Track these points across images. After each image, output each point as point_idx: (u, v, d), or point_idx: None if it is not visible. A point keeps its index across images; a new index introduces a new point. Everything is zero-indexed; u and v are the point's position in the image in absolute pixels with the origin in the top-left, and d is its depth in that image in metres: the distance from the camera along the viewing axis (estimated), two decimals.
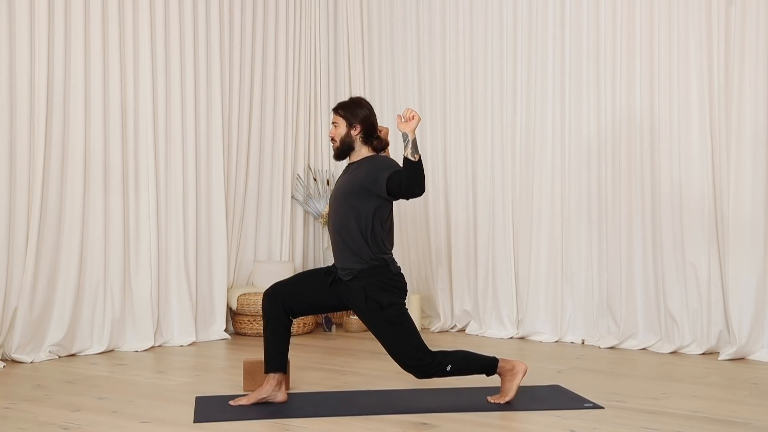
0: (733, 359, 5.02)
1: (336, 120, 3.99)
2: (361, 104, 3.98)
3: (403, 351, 3.84)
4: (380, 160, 3.92)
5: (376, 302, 3.84)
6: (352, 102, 4.00)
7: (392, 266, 3.90)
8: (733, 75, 5.06)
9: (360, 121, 3.94)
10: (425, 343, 3.89)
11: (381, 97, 6.55)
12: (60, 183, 5.17)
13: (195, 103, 5.82)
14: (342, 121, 3.97)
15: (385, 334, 3.87)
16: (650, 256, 5.43)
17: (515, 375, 3.90)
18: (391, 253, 3.93)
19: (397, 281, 3.90)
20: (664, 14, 5.33)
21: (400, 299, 3.90)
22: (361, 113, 3.95)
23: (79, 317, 5.27)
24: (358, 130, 3.95)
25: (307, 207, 6.55)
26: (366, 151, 3.99)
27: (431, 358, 3.85)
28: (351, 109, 3.96)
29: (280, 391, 3.96)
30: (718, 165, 5.18)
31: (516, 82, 5.94)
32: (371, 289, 3.84)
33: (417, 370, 3.86)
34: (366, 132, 3.96)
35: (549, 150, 5.81)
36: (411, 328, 3.87)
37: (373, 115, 4.01)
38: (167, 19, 5.67)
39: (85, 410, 3.85)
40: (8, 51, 4.94)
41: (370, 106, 4.03)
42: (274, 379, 3.93)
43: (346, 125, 3.96)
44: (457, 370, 3.90)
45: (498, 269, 6.03)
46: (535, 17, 5.84)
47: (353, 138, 3.96)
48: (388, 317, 3.84)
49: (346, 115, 3.96)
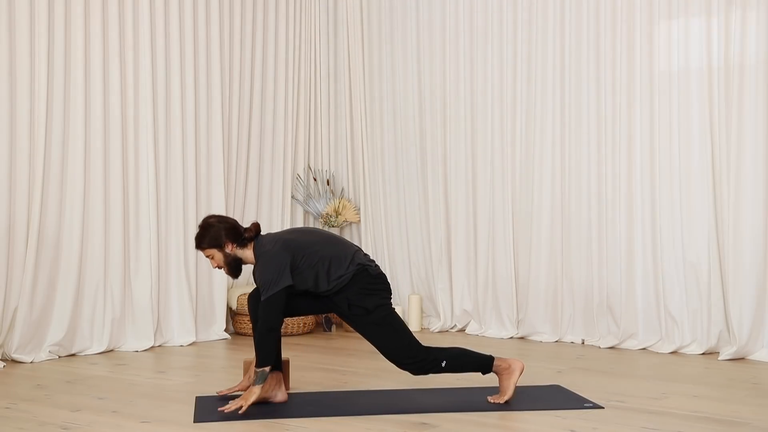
0: (733, 359, 5.02)
1: (207, 254, 3.93)
2: (211, 224, 3.91)
3: (396, 350, 3.86)
4: (257, 265, 3.87)
5: (361, 308, 3.86)
6: (204, 230, 3.91)
7: (371, 269, 3.90)
8: (733, 75, 5.06)
9: (225, 237, 3.88)
10: (417, 340, 3.91)
11: (381, 97, 6.55)
12: (60, 183, 5.18)
13: (195, 103, 5.82)
14: (212, 251, 3.91)
15: (376, 336, 3.88)
16: (650, 256, 5.43)
17: (512, 373, 3.91)
18: (358, 263, 3.88)
19: (378, 283, 3.91)
20: (664, 14, 5.33)
21: (386, 300, 3.91)
22: (219, 230, 3.88)
23: (79, 317, 5.27)
24: (230, 245, 3.89)
25: (307, 207, 6.55)
26: (250, 251, 3.92)
27: (425, 353, 3.86)
28: (210, 237, 3.89)
29: (279, 390, 3.96)
30: (718, 164, 5.18)
31: (516, 82, 5.94)
32: (354, 297, 3.86)
33: (412, 367, 3.87)
34: (235, 239, 3.89)
35: (549, 150, 5.81)
36: (401, 327, 3.89)
37: (225, 221, 3.94)
38: (167, 19, 5.67)
39: (85, 410, 3.85)
40: (8, 51, 4.95)
41: (217, 216, 3.98)
42: (270, 377, 3.93)
43: (218, 250, 3.90)
44: (452, 367, 3.90)
45: (498, 269, 6.03)
46: (536, 17, 5.83)
47: (233, 253, 3.91)
48: (375, 320, 3.86)
49: (212, 244, 3.89)
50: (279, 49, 6.42)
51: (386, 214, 6.56)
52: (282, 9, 6.44)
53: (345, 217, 6.54)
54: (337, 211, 6.50)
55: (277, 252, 3.80)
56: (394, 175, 6.51)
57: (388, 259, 6.55)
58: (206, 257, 3.99)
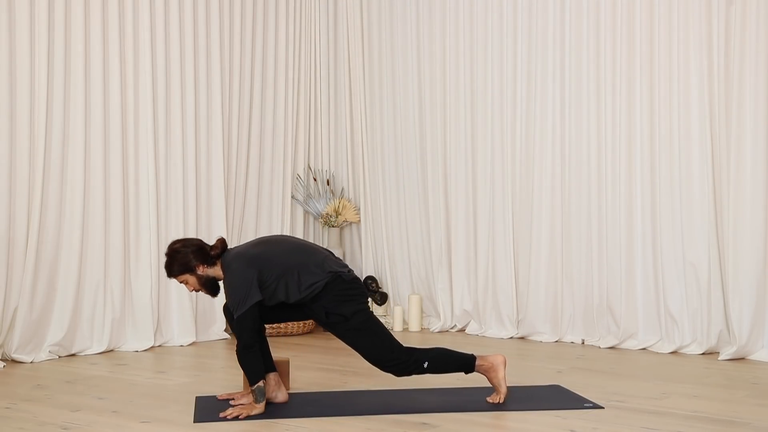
0: (733, 359, 5.02)
1: (181, 280, 3.90)
2: (177, 250, 3.86)
3: (378, 354, 3.86)
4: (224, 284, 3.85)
5: (339, 315, 3.85)
6: (172, 258, 3.86)
7: (344, 276, 3.87)
8: (733, 75, 5.06)
9: (194, 261, 3.84)
10: (398, 341, 3.91)
11: (381, 96, 6.55)
12: (60, 183, 5.18)
13: (195, 103, 5.82)
14: (185, 276, 3.87)
15: (357, 341, 3.88)
16: (650, 256, 5.43)
17: (497, 369, 3.91)
18: (329, 271, 3.84)
19: (353, 288, 3.89)
20: (664, 14, 5.33)
21: (363, 305, 3.90)
22: (187, 255, 3.84)
23: (79, 317, 5.27)
24: (201, 267, 3.86)
25: (307, 207, 6.55)
26: (219, 268, 3.88)
27: (407, 355, 3.86)
28: (179, 263, 3.84)
29: (279, 390, 3.96)
30: (718, 165, 5.18)
31: (516, 82, 5.93)
32: (330, 305, 3.84)
33: (394, 369, 3.88)
34: (204, 259, 3.86)
35: (549, 150, 5.80)
36: (381, 331, 3.88)
37: (191, 243, 3.90)
38: (167, 19, 5.67)
39: (85, 410, 3.85)
40: (8, 51, 4.95)
41: (181, 241, 3.93)
42: (270, 379, 3.94)
43: (190, 274, 3.87)
44: (434, 368, 3.90)
45: (498, 269, 6.03)
46: (536, 18, 5.83)
47: (205, 274, 3.88)
48: (355, 325, 3.85)
49: (182, 269, 3.85)
50: (279, 49, 6.42)
51: (386, 214, 6.56)
52: (282, 9, 6.44)
53: (345, 217, 6.54)
54: (337, 211, 6.50)
55: (242, 269, 3.76)
56: (394, 175, 6.51)
57: (388, 259, 6.54)
58: (180, 283, 3.94)
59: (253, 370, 3.74)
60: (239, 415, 3.70)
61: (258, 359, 3.76)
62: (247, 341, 3.73)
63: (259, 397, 3.73)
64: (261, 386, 3.74)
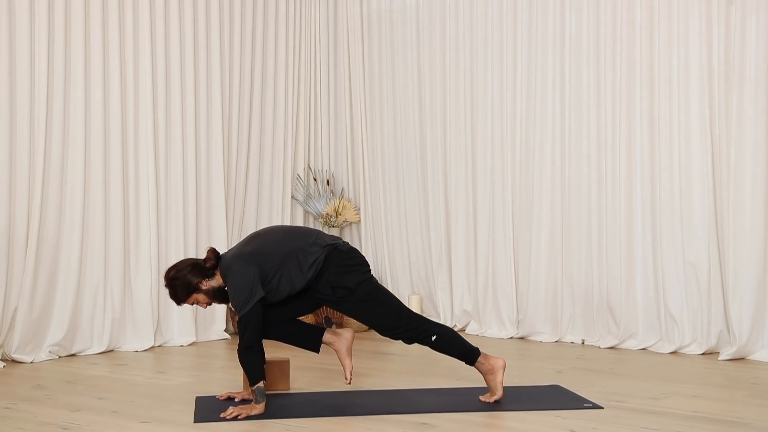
0: (733, 359, 5.02)
1: (191, 302, 3.90)
2: (175, 277, 3.85)
3: (388, 323, 3.88)
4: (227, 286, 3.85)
5: (344, 289, 3.85)
6: (173, 287, 3.85)
7: (341, 247, 3.89)
8: (733, 75, 5.06)
9: (194, 279, 3.84)
10: (406, 307, 3.94)
11: (381, 97, 6.55)
12: (60, 183, 5.18)
13: (195, 103, 5.82)
14: (193, 297, 3.88)
15: (365, 313, 3.90)
16: (650, 256, 5.43)
17: (496, 372, 3.92)
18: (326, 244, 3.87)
19: (353, 257, 3.90)
20: (664, 14, 5.33)
21: (365, 274, 3.91)
22: (185, 277, 3.84)
23: (79, 317, 5.27)
24: (205, 283, 3.86)
25: (307, 207, 6.55)
26: (220, 278, 3.88)
27: (416, 322, 3.89)
28: (182, 288, 3.84)
29: (340, 336, 4.09)
30: (718, 165, 5.18)
31: (516, 83, 5.93)
32: (334, 278, 3.85)
33: (404, 335, 3.89)
34: (203, 274, 3.86)
35: (549, 150, 5.81)
36: (386, 299, 3.91)
37: (184, 265, 3.90)
38: (167, 19, 5.67)
39: (85, 410, 3.85)
40: (8, 51, 4.95)
41: (174, 267, 3.91)
42: (327, 332, 4.08)
43: (197, 293, 3.87)
44: (441, 344, 3.91)
45: (498, 269, 6.03)
46: (535, 19, 5.83)
47: (210, 288, 3.88)
48: (361, 297, 3.86)
49: (187, 292, 3.85)
50: (279, 49, 6.42)
51: (386, 214, 6.56)
52: (282, 9, 6.44)
53: (345, 217, 6.54)
54: (337, 211, 6.50)
55: (243, 268, 3.76)
56: (394, 175, 6.51)
57: (388, 259, 6.55)
58: (196, 304, 3.94)
59: (253, 371, 3.74)
60: (239, 415, 3.70)
61: (259, 359, 3.76)
62: (248, 341, 3.73)
63: (259, 397, 3.73)
64: (261, 386, 3.74)
